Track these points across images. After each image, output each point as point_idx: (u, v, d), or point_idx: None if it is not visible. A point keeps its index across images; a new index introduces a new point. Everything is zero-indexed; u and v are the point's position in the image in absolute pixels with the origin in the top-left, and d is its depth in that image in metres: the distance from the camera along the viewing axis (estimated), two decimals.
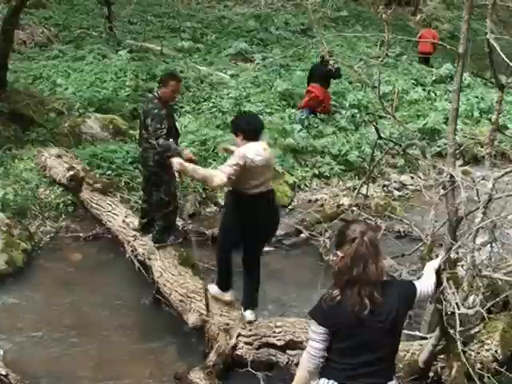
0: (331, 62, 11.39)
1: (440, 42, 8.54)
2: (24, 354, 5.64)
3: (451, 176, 4.23)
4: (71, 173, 8.20)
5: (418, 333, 5.43)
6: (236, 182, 5.22)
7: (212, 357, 5.39)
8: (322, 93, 11.89)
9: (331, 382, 3.31)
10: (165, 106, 6.40)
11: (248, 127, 5.38)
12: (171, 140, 6.17)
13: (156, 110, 6.27)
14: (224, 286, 5.84)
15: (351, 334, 3.24)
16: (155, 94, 6.58)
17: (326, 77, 11.89)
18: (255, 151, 5.23)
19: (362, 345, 3.25)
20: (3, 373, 5.21)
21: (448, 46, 4.83)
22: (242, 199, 5.34)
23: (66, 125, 9.82)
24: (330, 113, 12.21)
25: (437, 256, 4.70)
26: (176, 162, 5.44)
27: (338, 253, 3.30)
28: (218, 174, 5.13)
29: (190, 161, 5.93)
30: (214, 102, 11.84)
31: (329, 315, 3.25)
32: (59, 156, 8.63)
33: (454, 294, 4.24)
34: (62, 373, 5.43)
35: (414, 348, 4.96)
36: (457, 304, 4.16)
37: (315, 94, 11.86)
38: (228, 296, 5.85)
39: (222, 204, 5.90)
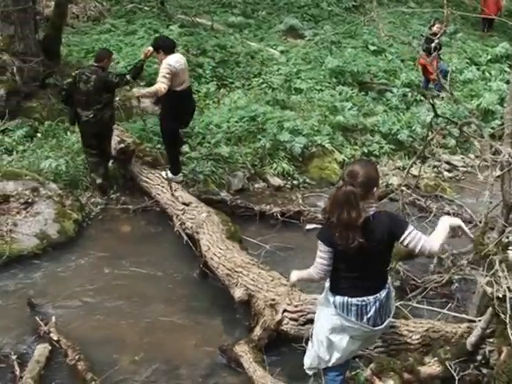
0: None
1: (499, 18, 8.31)
2: (74, 320, 5.80)
3: (509, 156, 4.13)
4: (122, 146, 8.28)
5: (465, 315, 5.37)
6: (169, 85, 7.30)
7: (257, 331, 5.44)
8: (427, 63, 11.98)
9: (345, 298, 4.00)
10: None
11: (165, 44, 7.53)
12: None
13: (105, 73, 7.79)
14: (175, 170, 7.95)
15: (346, 258, 3.88)
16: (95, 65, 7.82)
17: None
18: (175, 60, 7.35)
19: (357, 265, 3.90)
20: (55, 338, 5.39)
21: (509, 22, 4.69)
22: (174, 95, 7.37)
23: (117, 98, 9.89)
24: (433, 81, 12.34)
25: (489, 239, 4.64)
26: (134, 91, 7.79)
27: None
28: (161, 85, 7.25)
29: None
30: (264, 78, 11.76)
31: (330, 238, 3.86)
32: None
33: (505, 277, 4.18)
34: (110, 338, 5.58)
35: (462, 330, 4.90)
36: (508, 288, 4.09)
37: (420, 62, 12.29)
38: (179, 177, 8.00)
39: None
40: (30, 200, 7.29)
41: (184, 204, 7.32)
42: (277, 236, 7.36)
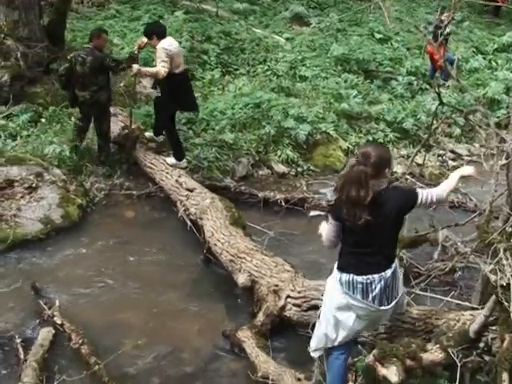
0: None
1: (507, 6, 8.26)
2: (78, 305, 5.82)
3: None
4: (126, 131, 8.28)
5: (468, 303, 5.37)
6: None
7: (260, 317, 5.46)
8: (435, 50, 11.86)
9: (350, 275, 4.11)
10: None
11: (159, 29, 7.65)
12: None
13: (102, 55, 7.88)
14: (179, 156, 7.92)
15: (353, 234, 4.04)
16: (90, 47, 7.88)
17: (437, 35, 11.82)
18: (169, 44, 7.46)
19: (364, 240, 4.04)
20: (59, 322, 5.41)
21: None
22: (173, 78, 7.46)
23: (122, 84, 9.88)
24: (439, 69, 12.26)
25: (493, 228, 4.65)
26: (134, 67, 7.66)
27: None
28: (161, 68, 7.35)
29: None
30: (268, 66, 11.72)
31: (339, 214, 4.04)
32: (114, 115, 8.70)
33: (509, 265, 4.18)
34: (113, 323, 5.60)
35: (465, 318, 4.90)
36: None
37: (428, 49, 12.30)
38: (183, 163, 7.95)
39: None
40: (33, 185, 7.30)
41: (188, 190, 7.32)
42: (280, 222, 7.37)
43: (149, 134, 8.40)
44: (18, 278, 6.15)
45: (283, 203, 7.81)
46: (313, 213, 7.77)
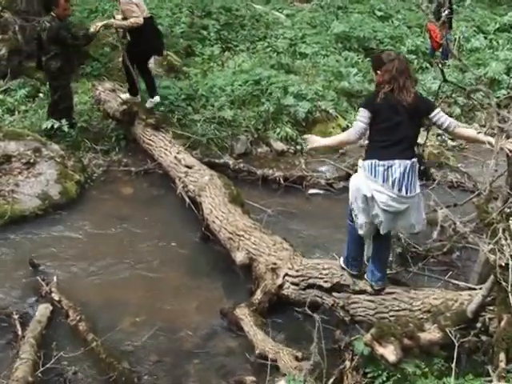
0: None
1: None
2: (76, 282, 5.82)
3: None
4: (124, 107, 8.23)
5: (466, 284, 5.37)
6: None
7: (258, 295, 5.45)
8: (435, 30, 11.87)
9: (373, 161, 4.60)
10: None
11: None
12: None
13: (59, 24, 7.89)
14: (134, 91, 8.38)
15: (387, 117, 4.58)
16: (53, 15, 7.88)
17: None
18: None
19: (394, 126, 4.58)
20: (56, 298, 5.41)
21: None
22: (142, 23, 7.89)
23: (120, 59, 9.79)
24: (438, 48, 12.25)
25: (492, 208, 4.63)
26: (113, 21, 8.19)
27: (379, 72, 4.68)
28: (135, 19, 7.84)
29: None
30: (268, 42, 11.67)
31: (374, 104, 4.62)
32: (113, 90, 8.67)
33: (508, 245, 4.17)
34: (111, 300, 5.60)
35: (463, 298, 4.89)
36: (511, 256, 4.09)
37: (429, 28, 12.14)
38: (137, 98, 8.41)
39: None
40: (31, 160, 7.27)
41: (187, 167, 7.29)
42: (279, 200, 7.35)
43: (124, 95, 8.51)
44: (15, 254, 6.16)
45: (282, 181, 7.80)
46: (311, 191, 7.78)
